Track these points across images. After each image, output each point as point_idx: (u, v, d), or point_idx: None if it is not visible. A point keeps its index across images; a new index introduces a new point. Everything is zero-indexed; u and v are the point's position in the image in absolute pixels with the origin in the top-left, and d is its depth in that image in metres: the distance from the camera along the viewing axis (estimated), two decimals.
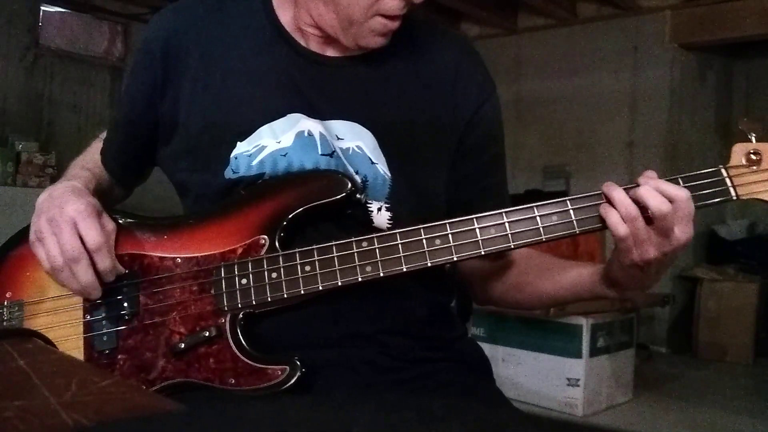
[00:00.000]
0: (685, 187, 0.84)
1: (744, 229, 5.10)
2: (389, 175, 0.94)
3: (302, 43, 0.97)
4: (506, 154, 1.07)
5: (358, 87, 0.96)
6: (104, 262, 0.90)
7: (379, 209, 0.93)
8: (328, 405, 0.32)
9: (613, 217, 0.84)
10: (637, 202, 0.83)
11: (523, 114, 5.50)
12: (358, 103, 0.95)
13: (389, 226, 0.93)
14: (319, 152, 0.93)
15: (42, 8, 4.97)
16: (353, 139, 0.94)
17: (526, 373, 3.31)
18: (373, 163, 0.94)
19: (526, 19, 5.63)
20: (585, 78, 5.27)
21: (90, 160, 1.09)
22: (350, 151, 0.93)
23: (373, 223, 0.93)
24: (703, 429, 3.20)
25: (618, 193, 0.84)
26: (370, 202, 0.93)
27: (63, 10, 5.12)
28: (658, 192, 0.82)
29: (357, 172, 0.92)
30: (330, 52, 0.97)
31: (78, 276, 0.89)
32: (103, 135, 1.12)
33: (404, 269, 0.86)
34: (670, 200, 0.82)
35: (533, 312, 3.08)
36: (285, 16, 0.97)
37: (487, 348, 1.34)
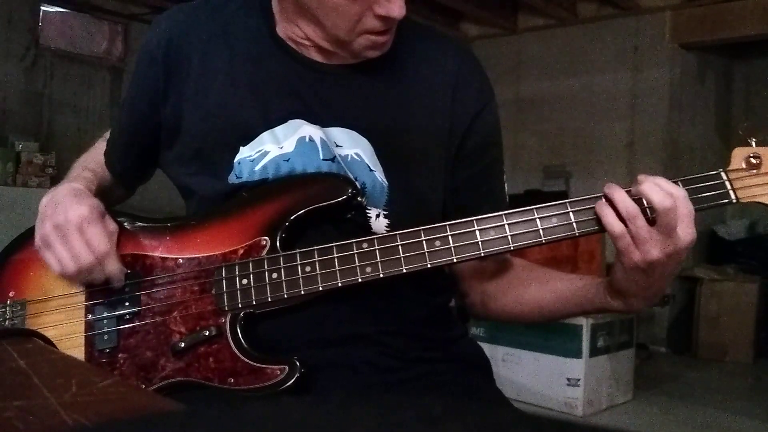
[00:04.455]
0: (686, 189, 0.84)
1: (744, 229, 5.10)
2: (387, 182, 0.94)
3: (301, 51, 0.97)
4: (506, 154, 1.07)
5: (356, 95, 0.96)
6: (112, 265, 0.92)
7: (378, 216, 0.94)
8: (328, 405, 0.32)
9: (607, 216, 0.84)
10: (638, 201, 0.83)
11: (523, 114, 5.50)
12: (355, 111, 0.95)
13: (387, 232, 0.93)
14: (321, 157, 0.93)
15: (42, 8, 4.96)
16: (352, 146, 0.94)
17: (526, 373, 3.31)
18: (371, 170, 0.94)
19: (526, 19, 5.63)
20: (585, 78, 5.27)
21: (92, 160, 1.10)
22: (349, 158, 0.93)
23: (371, 229, 0.93)
24: (703, 429, 3.20)
25: (618, 194, 0.84)
26: (368, 208, 0.93)
27: (63, 10, 5.11)
28: (659, 188, 0.82)
29: (356, 179, 0.93)
30: (329, 61, 0.97)
31: (92, 281, 0.93)
32: (107, 135, 1.12)
33: (404, 270, 0.86)
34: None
35: None
36: (281, 27, 0.97)
37: (487, 348, 1.34)
